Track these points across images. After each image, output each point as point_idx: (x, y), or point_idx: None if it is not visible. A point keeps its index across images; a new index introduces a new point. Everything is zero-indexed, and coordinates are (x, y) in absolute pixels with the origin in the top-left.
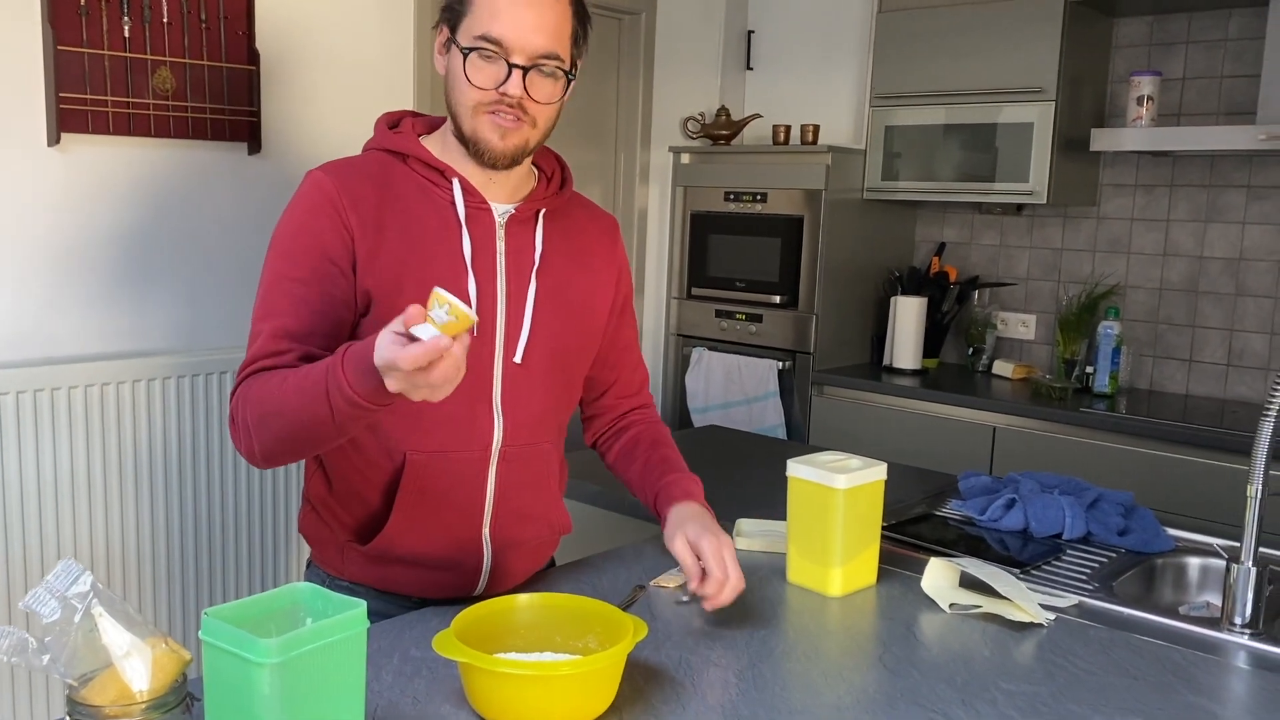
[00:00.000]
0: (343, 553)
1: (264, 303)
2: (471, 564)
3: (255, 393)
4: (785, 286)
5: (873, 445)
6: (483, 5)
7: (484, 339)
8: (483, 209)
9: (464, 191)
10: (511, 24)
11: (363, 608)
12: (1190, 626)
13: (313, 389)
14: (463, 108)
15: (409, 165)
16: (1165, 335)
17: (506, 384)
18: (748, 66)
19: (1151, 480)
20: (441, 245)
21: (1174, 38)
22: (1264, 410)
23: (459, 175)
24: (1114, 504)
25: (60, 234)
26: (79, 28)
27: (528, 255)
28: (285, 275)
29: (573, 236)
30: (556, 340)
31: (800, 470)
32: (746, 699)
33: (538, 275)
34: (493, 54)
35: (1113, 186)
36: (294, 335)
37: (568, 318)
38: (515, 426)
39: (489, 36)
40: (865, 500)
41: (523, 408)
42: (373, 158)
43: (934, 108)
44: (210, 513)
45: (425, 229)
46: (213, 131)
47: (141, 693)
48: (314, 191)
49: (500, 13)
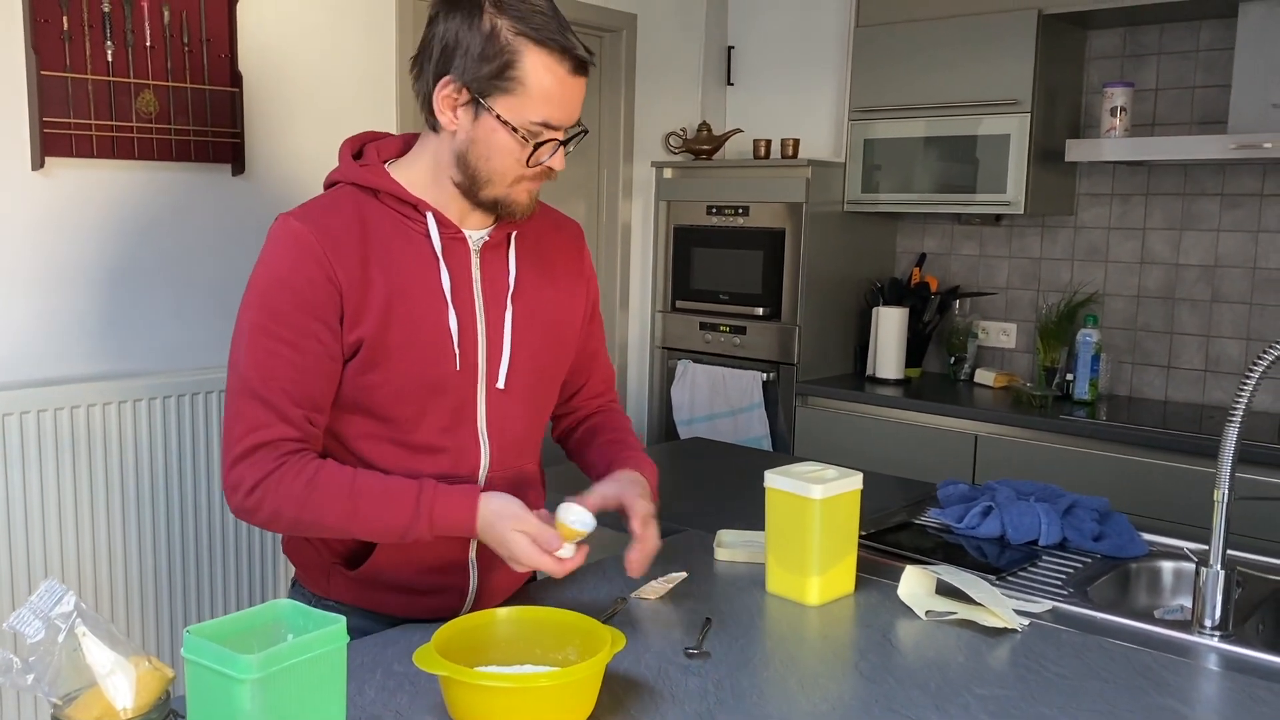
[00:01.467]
0: (329, 576)
1: (251, 360)
2: (458, 587)
3: (300, 493)
4: (768, 299)
5: (856, 455)
6: (538, 90)
7: (466, 368)
8: (457, 238)
9: (438, 224)
10: (565, 110)
11: (342, 623)
12: (1161, 630)
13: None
14: (502, 178)
15: (380, 200)
16: (1143, 342)
17: (490, 410)
18: (728, 82)
19: (1132, 486)
20: (421, 281)
21: (1146, 49)
22: (1229, 415)
23: (432, 209)
24: (1089, 510)
25: (46, 257)
26: (62, 52)
27: (502, 280)
28: (269, 333)
29: (542, 254)
30: (535, 361)
31: (777, 481)
32: (724, 708)
33: (513, 299)
34: (547, 139)
35: (1090, 196)
36: (292, 398)
37: (544, 337)
38: (501, 451)
39: (549, 124)
40: (842, 510)
41: (507, 432)
42: (345, 196)
43: (912, 120)
44: (196, 532)
45: (405, 266)
46: (196, 153)
47: (125, 710)
48: (295, 246)
49: (553, 100)
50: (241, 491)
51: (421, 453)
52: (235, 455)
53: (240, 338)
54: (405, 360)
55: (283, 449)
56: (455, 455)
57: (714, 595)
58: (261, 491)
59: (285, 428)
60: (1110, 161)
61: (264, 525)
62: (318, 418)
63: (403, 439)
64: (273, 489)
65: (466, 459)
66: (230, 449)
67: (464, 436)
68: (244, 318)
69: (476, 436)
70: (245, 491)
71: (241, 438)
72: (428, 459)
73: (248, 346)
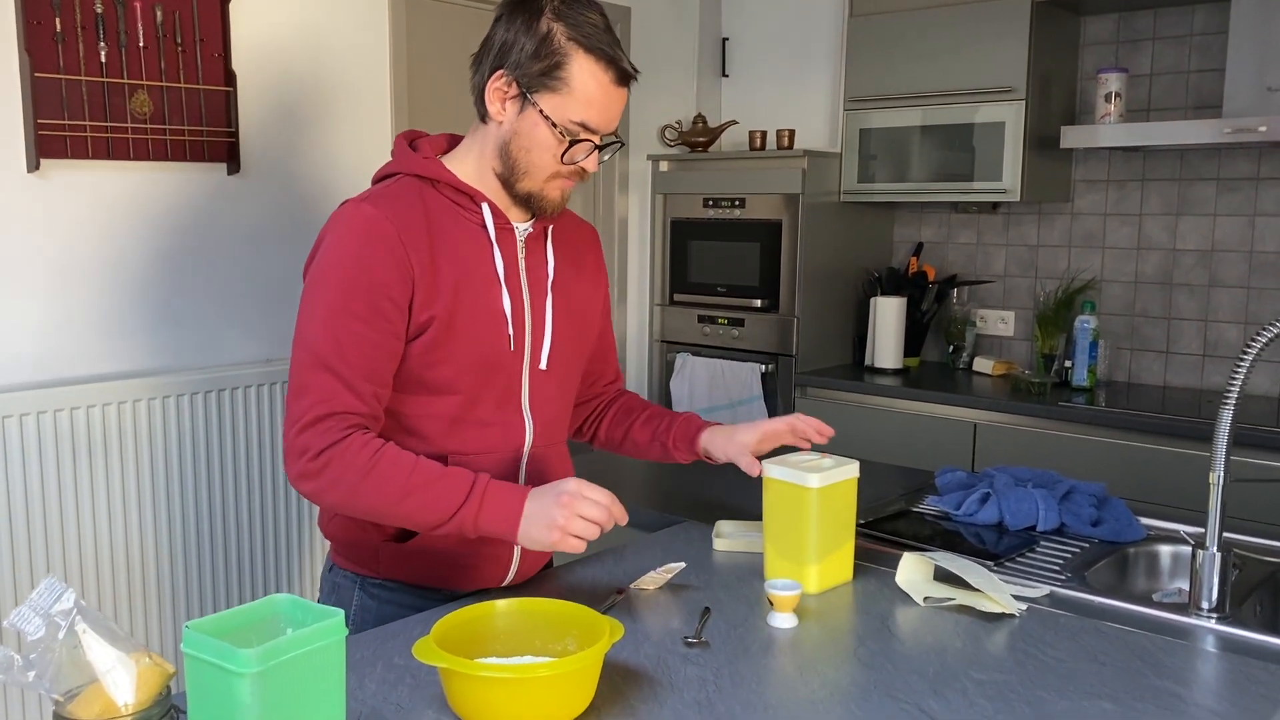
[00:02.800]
0: (377, 552)
1: (325, 338)
2: (504, 558)
3: (364, 464)
4: (766, 290)
5: (856, 444)
6: (581, 92)
7: (517, 349)
8: (507, 229)
9: (493, 214)
10: (605, 116)
11: (340, 617)
12: (1158, 612)
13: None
14: (539, 171)
15: (439, 189)
16: (1141, 328)
17: (533, 389)
18: (723, 74)
19: (1131, 471)
20: (479, 265)
21: (1140, 34)
22: (1223, 398)
23: (487, 199)
24: (1086, 495)
25: (42, 259)
26: (55, 54)
27: (542, 270)
28: (345, 310)
29: (569, 248)
30: (570, 347)
31: (774, 470)
32: (723, 695)
33: (552, 288)
34: (585, 140)
35: (1085, 182)
36: (366, 374)
37: (575, 325)
38: (542, 428)
39: (587, 125)
40: (839, 498)
41: (547, 410)
42: (407, 185)
43: (907, 110)
44: (197, 530)
45: (465, 250)
46: (191, 153)
47: (126, 706)
48: (368, 229)
49: (595, 104)
50: (307, 456)
51: (474, 427)
52: (304, 423)
53: (313, 314)
54: (467, 339)
55: (350, 421)
56: (503, 430)
57: (713, 585)
58: (326, 458)
59: (355, 401)
60: (1106, 148)
61: (316, 494)
62: (384, 394)
63: (458, 414)
64: (338, 457)
65: (512, 434)
66: (298, 418)
67: (511, 413)
68: (318, 296)
69: (522, 413)
70: (311, 456)
71: (311, 407)
72: (478, 434)
73: (321, 322)
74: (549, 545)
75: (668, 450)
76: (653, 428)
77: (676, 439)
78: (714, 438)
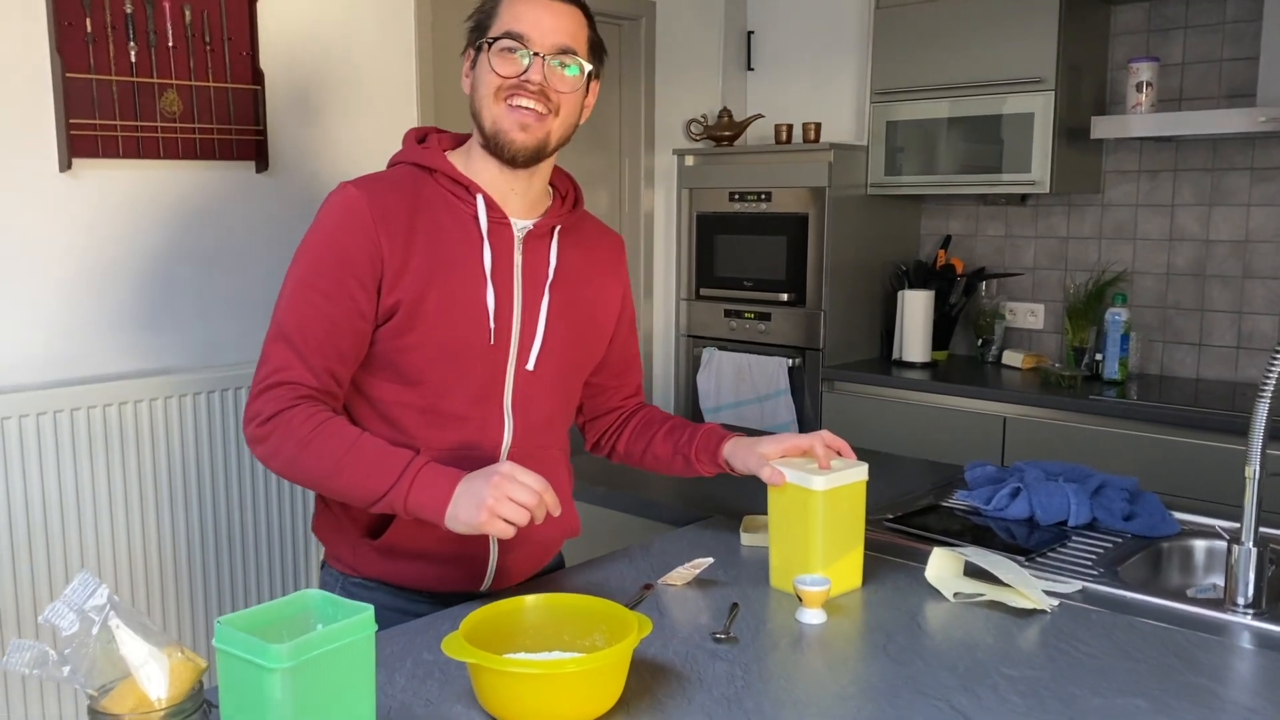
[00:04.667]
0: (355, 549)
1: (289, 310)
2: (479, 559)
3: (307, 435)
4: (792, 284)
5: (884, 439)
6: (506, 11)
7: (499, 346)
8: (503, 223)
9: (487, 206)
10: (533, 23)
11: (370, 612)
12: (1193, 608)
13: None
14: (485, 99)
15: (436, 179)
16: (1174, 320)
17: (517, 389)
18: (749, 67)
19: (1164, 465)
20: (464, 257)
21: (1172, 23)
22: (1259, 390)
23: (482, 191)
24: (1119, 489)
25: (74, 257)
26: (86, 55)
27: (543, 269)
28: (311, 286)
29: (584, 252)
30: (566, 350)
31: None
32: (751, 691)
33: (551, 288)
34: (515, 47)
35: (1116, 173)
36: (321, 348)
37: (577, 329)
38: (524, 430)
39: (512, 33)
40: (846, 501)
41: (532, 412)
42: (403, 171)
43: (934, 101)
44: (229, 525)
45: (450, 241)
46: (220, 151)
47: (160, 700)
48: (347, 207)
49: (522, 15)
50: (256, 421)
51: (448, 420)
52: (258, 390)
53: (284, 288)
54: (439, 327)
55: (300, 391)
56: (479, 426)
57: (741, 580)
58: (273, 424)
59: (306, 373)
60: (1137, 138)
61: (264, 459)
62: (340, 371)
63: (431, 405)
64: (283, 423)
65: (490, 432)
66: (255, 385)
67: (489, 410)
68: (290, 271)
69: (502, 412)
70: (260, 421)
71: (267, 376)
72: (454, 427)
73: (288, 296)
74: (476, 527)
75: (690, 463)
76: (674, 440)
77: (699, 451)
78: (736, 449)
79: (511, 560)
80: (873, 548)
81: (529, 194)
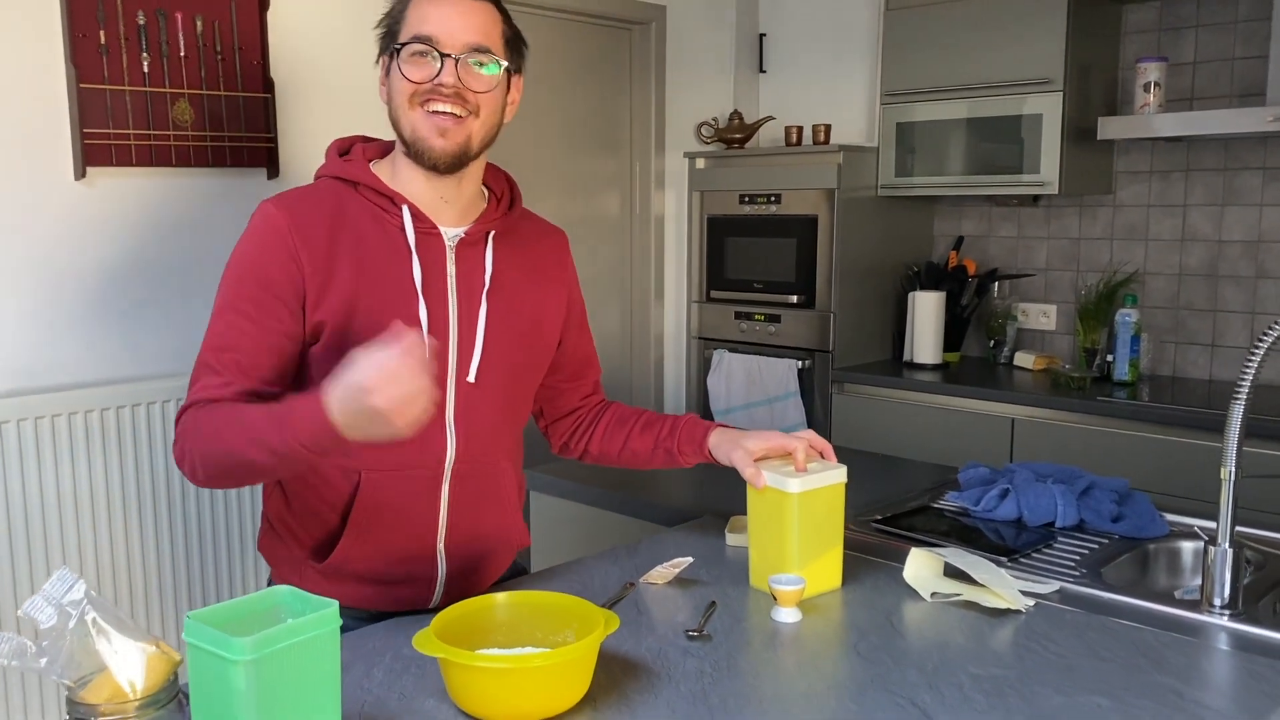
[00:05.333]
0: (300, 571)
1: (212, 332)
2: (426, 577)
3: (204, 426)
4: (802, 286)
5: (894, 440)
6: (413, 14)
7: (438, 359)
8: (432, 234)
9: (413, 217)
10: (440, 23)
11: (334, 607)
12: (1169, 609)
13: (261, 438)
14: (401, 106)
15: (360, 192)
16: (1186, 321)
17: (460, 402)
18: (761, 69)
19: (1173, 467)
20: (392, 271)
21: (1183, 21)
22: (1234, 392)
23: (408, 202)
24: (1107, 491)
25: (89, 263)
26: (100, 66)
27: (478, 276)
28: (233, 307)
29: (522, 254)
30: (508, 358)
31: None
32: (719, 687)
33: (488, 296)
34: (425, 50)
35: (1128, 174)
36: (240, 368)
37: (519, 336)
38: (468, 442)
39: (420, 35)
40: (822, 504)
41: (475, 424)
42: (325, 186)
43: (944, 103)
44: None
45: (376, 256)
46: (232, 159)
47: (135, 692)
48: (266, 226)
49: (429, 16)
50: (177, 444)
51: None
52: (178, 416)
53: (212, 308)
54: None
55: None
56: (420, 443)
57: (722, 580)
58: (182, 443)
59: (224, 394)
60: (1149, 138)
61: (190, 475)
62: (263, 392)
63: None
64: (186, 432)
65: (431, 447)
66: (180, 411)
67: (430, 426)
68: (217, 294)
69: (444, 427)
70: (176, 445)
71: (186, 402)
72: (392, 446)
73: (212, 320)
74: (398, 434)
75: (673, 455)
76: (654, 434)
77: (682, 442)
78: (721, 440)
79: (461, 574)
80: (856, 548)
81: (460, 200)
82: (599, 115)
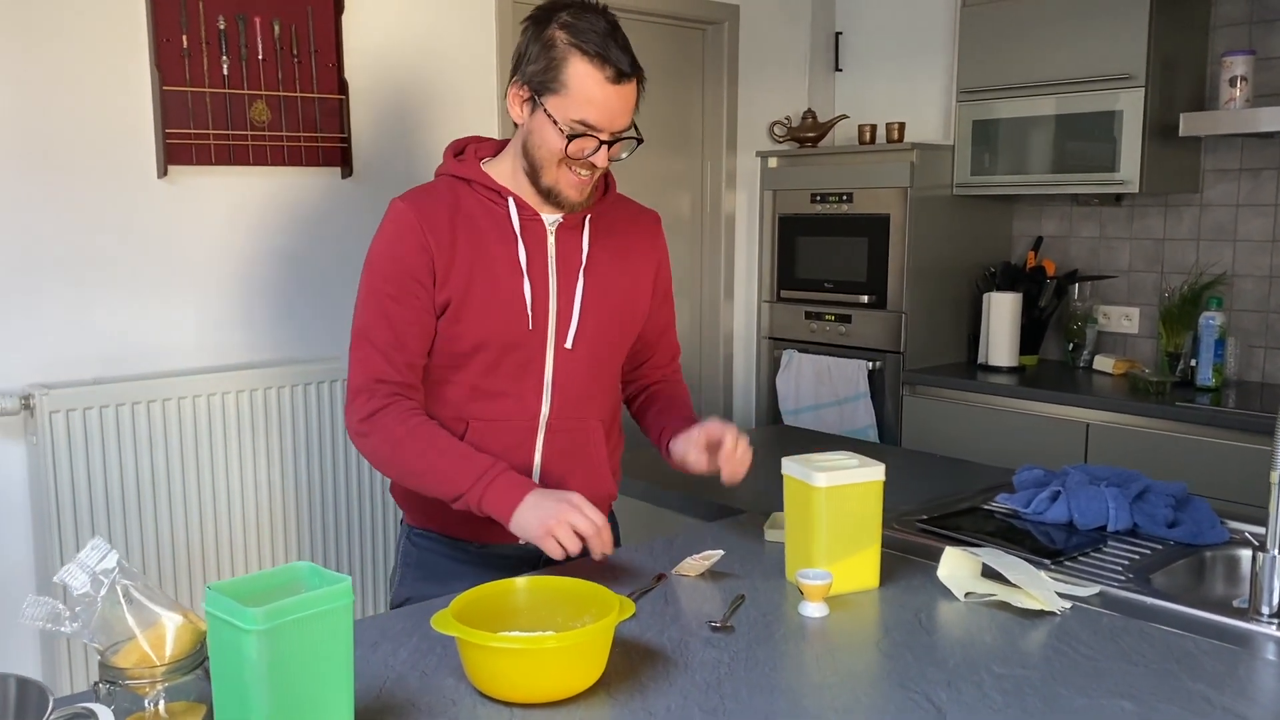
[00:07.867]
0: (409, 501)
1: (366, 318)
2: None
3: (403, 442)
4: (873, 286)
5: (965, 444)
6: (578, 92)
7: (538, 330)
8: (534, 220)
9: (518, 208)
10: (604, 113)
11: (347, 582)
12: (1212, 615)
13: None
14: (548, 163)
15: (473, 188)
16: (1276, 325)
17: (557, 367)
18: (836, 68)
19: (1250, 474)
20: (502, 254)
21: (1276, 14)
22: None
23: (513, 194)
24: (1163, 495)
25: (171, 258)
26: (182, 69)
27: (575, 257)
28: (381, 292)
29: (616, 237)
30: (601, 330)
31: (790, 468)
32: (733, 677)
33: (584, 274)
34: (585, 133)
35: (1215, 172)
36: (396, 346)
37: (611, 311)
38: (563, 403)
39: (586, 123)
40: (855, 500)
41: (569, 386)
42: (443, 183)
43: (1021, 100)
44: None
45: (488, 241)
46: (307, 158)
47: (162, 658)
48: (398, 220)
49: (594, 102)
50: (357, 418)
51: (490, 396)
52: (355, 388)
53: (359, 298)
54: (482, 316)
55: (387, 389)
56: (518, 399)
57: (754, 574)
58: (370, 424)
59: (388, 368)
60: (1238, 135)
61: (367, 455)
62: (416, 363)
63: (476, 383)
64: (379, 425)
65: (527, 406)
66: (351, 384)
67: (529, 386)
68: (362, 282)
69: (540, 387)
70: (360, 419)
71: (357, 375)
72: (494, 403)
73: (362, 304)
74: (534, 537)
75: (663, 453)
76: (658, 427)
77: (664, 444)
78: (676, 441)
79: None
80: (898, 548)
81: None
82: (671, 115)
